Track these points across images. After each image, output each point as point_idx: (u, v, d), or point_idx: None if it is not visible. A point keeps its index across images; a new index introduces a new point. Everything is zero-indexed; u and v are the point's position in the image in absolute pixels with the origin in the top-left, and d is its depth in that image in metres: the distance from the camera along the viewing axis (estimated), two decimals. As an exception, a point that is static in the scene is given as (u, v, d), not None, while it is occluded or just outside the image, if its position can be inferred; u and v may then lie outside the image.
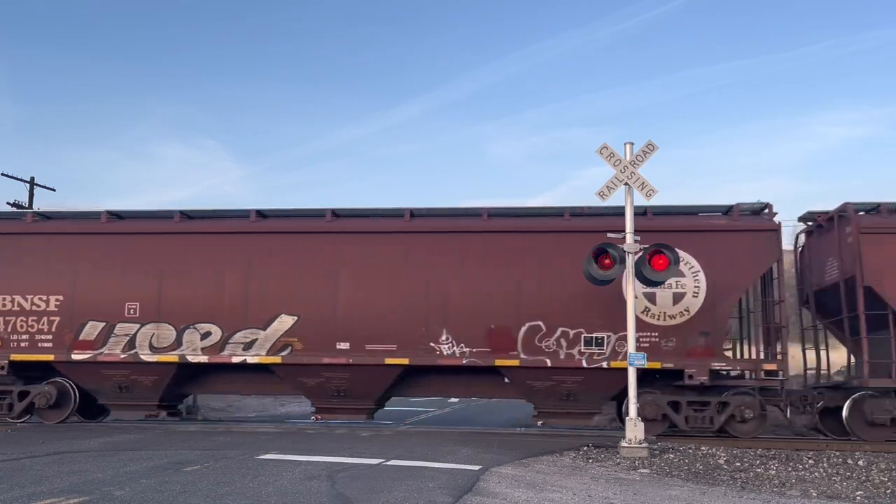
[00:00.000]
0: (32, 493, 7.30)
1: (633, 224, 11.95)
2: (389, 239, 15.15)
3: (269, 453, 10.39)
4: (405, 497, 7.28)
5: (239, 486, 7.77)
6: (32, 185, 31.81)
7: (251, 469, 8.92)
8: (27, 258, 15.64)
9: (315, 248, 15.17)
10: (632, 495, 8.05)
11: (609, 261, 11.92)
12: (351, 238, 15.23)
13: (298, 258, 15.12)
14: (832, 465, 10.73)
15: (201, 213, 16.15)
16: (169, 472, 8.67)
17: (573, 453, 11.54)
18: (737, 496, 8.28)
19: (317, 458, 9.98)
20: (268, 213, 15.92)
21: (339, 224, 15.44)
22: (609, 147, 12.03)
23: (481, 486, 8.09)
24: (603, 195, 11.97)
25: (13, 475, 8.41)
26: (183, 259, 15.34)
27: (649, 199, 12.16)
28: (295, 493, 7.38)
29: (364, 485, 7.95)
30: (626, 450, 11.21)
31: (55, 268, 15.50)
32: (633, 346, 11.80)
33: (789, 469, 10.33)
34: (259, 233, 15.46)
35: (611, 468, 10.23)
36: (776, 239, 14.31)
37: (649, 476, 9.67)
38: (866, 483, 9.35)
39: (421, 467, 9.30)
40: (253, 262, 15.15)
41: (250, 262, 15.15)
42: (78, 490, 7.47)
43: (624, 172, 11.92)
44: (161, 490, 7.48)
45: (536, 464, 10.25)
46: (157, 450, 10.84)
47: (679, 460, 10.91)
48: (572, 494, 7.94)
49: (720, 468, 10.31)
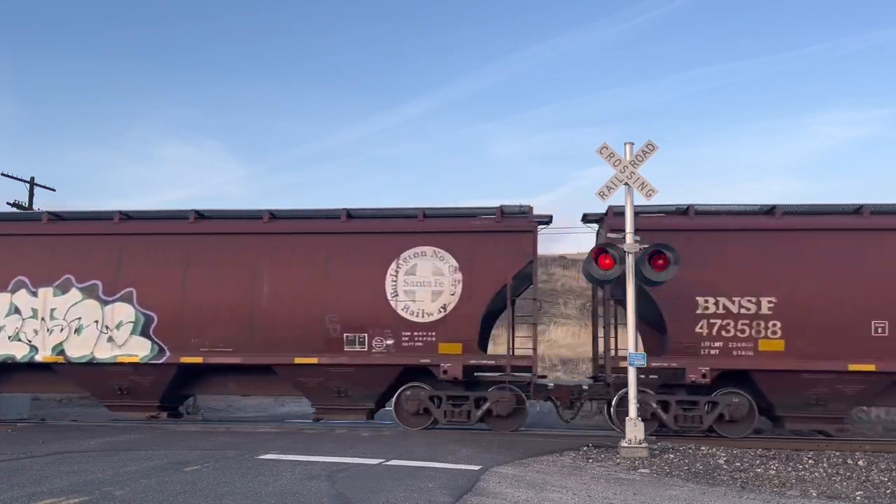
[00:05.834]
0: (32, 493, 7.31)
1: (633, 224, 11.95)
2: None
3: (269, 453, 10.40)
4: (405, 497, 7.28)
5: (239, 486, 7.78)
6: (32, 185, 31.81)
7: (251, 469, 8.93)
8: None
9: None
10: (632, 495, 8.05)
11: (609, 261, 11.92)
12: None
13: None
14: (832, 465, 10.73)
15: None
16: (169, 472, 8.67)
17: (573, 453, 11.54)
18: (737, 496, 8.28)
19: (317, 458, 9.99)
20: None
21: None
22: (609, 147, 12.03)
23: (481, 486, 8.09)
24: (603, 195, 11.98)
25: (13, 475, 8.41)
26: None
27: (649, 199, 12.16)
28: (295, 493, 7.38)
29: (364, 485, 7.95)
30: (625, 450, 11.22)
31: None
32: (632, 346, 11.80)
33: (789, 469, 10.32)
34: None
35: (611, 468, 10.24)
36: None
37: (649, 476, 9.67)
38: (866, 483, 9.34)
39: (421, 467, 9.30)
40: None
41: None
42: (78, 490, 7.48)
43: (624, 172, 11.92)
44: (161, 490, 7.48)
45: (536, 464, 10.25)
46: (157, 450, 10.85)
47: (679, 460, 10.91)
48: (572, 494, 7.94)
49: (720, 468, 10.31)
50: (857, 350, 13.46)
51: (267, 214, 15.55)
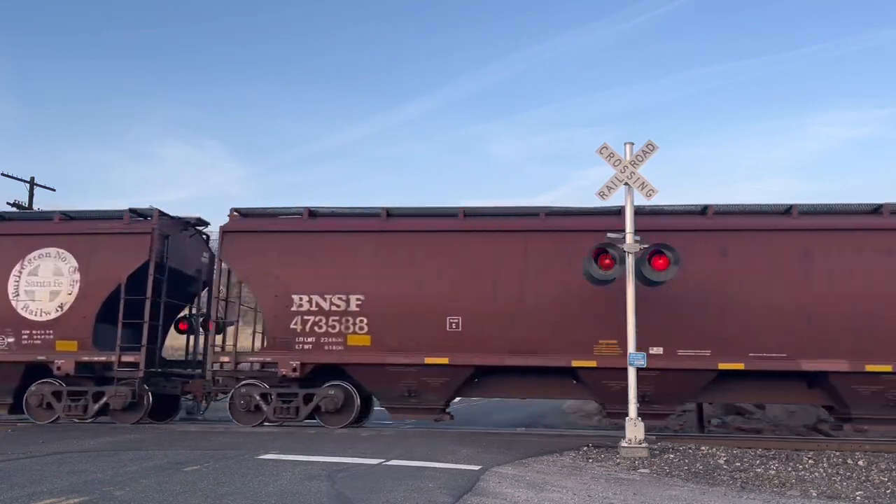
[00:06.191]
0: (32, 493, 7.31)
1: (633, 224, 11.95)
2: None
3: (269, 453, 10.40)
4: (405, 497, 7.28)
5: (239, 486, 7.78)
6: (32, 185, 31.83)
7: (251, 469, 8.93)
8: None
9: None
10: (632, 495, 8.05)
11: (609, 261, 11.92)
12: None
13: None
14: (832, 465, 10.73)
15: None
16: (169, 472, 8.67)
17: (573, 453, 11.54)
18: (737, 496, 8.28)
19: (317, 458, 9.99)
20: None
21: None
22: (609, 147, 12.03)
23: (481, 486, 8.09)
24: (603, 195, 11.98)
25: (13, 475, 8.41)
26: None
27: (649, 199, 12.16)
28: (295, 493, 7.38)
29: (364, 485, 7.95)
30: (625, 450, 11.22)
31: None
32: (632, 345, 11.81)
33: (789, 469, 10.32)
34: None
35: (611, 468, 10.24)
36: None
37: (649, 476, 9.67)
38: (866, 483, 9.35)
39: (421, 467, 9.30)
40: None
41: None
42: (78, 490, 7.48)
43: (624, 172, 11.92)
44: (161, 490, 7.48)
45: (536, 464, 10.25)
46: (157, 450, 10.85)
47: (679, 460, 10.91)
48: (572, 494, 7.94)
49: (720, 468, 10.31)
50: (434, 344, 14.44)
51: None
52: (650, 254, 11.90)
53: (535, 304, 14.42)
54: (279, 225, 15.62)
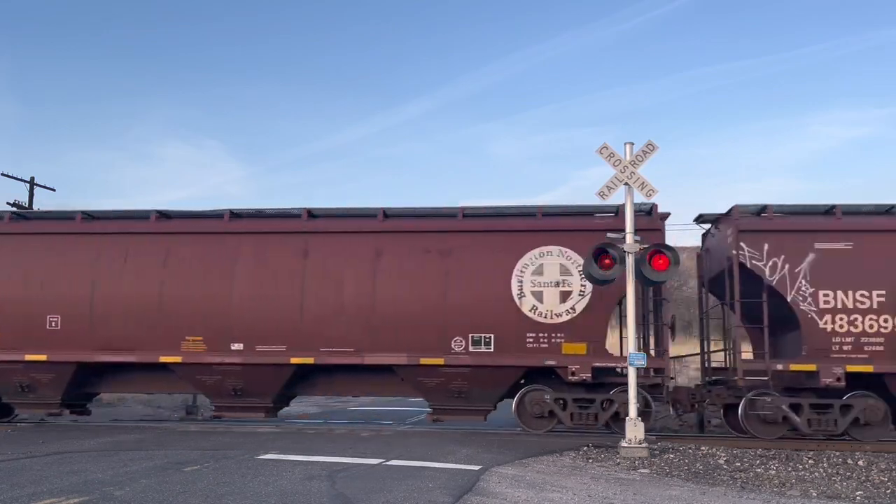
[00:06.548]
0: (32, 493, 7.31)
1: (633, 224, 11.95)
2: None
3: (269, 453, 10.40)
4: (405, 497, 7.28)
5: (239, 486, 7.78)
6: (32, 185, 31.79)
7: (251, 469, 8.93)
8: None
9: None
10: (632, 495, 8.05)
11: (609, 261, 11.91)
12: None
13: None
14: (832, 465, 10.73)
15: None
16: (169, 472, 8.67)
17: (573, 453, 11.53)
18: (737, 496, 8.28)
19: (317, 458, 9.99)
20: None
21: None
22: (609, 147, 12.03)
23: (481, 486, 8.09)
24: (603, 195, 11.98)
25: (13, 475, 8.42)
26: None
27: (649, 199, 12.20)
28: (295, 493, 7.38)
29: (364, 485, 7.95)
30: (625, 450, 11.21)
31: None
32: (633, 345, 11.81)
33: (789, 469, 10.32)
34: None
35: (611, 468, 10.23)
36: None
37: (649, 476, 9.67)
38: (866, 483, 9.35)
39: (421, 467, 9.31)
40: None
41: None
42: (78, 490, 7.48)
43: (624, 172, 11.92)
44: (161, 490, 7.48)
45: (536, 464, 10.25)
46: (157, 450, 10.85)
47: (679, 460, 10.91)
48: (572, 494, 7.94)
49: (720, 468, 10.31)
50: (36, 341, 14.97)
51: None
52: (650, 254, 11.90)
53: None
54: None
